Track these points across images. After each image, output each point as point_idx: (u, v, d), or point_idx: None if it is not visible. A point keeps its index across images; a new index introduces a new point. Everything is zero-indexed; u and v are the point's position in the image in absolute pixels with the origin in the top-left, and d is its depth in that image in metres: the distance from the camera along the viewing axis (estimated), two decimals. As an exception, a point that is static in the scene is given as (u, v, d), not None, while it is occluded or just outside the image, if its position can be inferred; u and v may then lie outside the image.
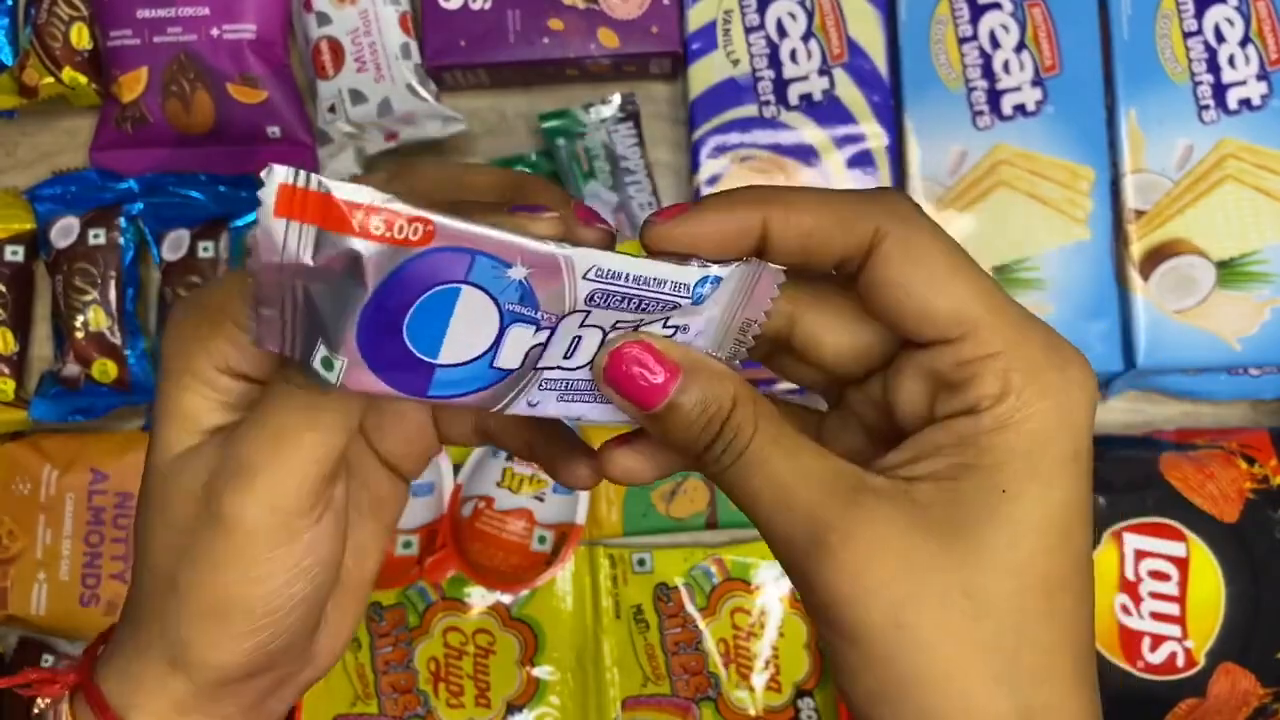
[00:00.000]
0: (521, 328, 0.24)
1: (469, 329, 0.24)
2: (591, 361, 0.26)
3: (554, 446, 0.30)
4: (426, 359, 0.24)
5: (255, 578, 0.27)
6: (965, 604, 0.24)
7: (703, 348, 0.27)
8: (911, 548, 0.24)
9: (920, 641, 0.24)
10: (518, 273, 0.24)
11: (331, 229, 0.22)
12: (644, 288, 0.25)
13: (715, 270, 0.26)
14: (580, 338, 0.26)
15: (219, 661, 0.28)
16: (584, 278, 0.24)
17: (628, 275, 0.25)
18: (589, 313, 0.25)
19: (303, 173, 0.21)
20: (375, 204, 0.22)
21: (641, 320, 0.26)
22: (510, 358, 0.25)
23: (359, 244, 0.22)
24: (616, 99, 0.65)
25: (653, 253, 0.26)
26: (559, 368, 0.26)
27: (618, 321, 0.26)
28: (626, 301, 0.25)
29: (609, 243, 0.26)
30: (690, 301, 0.26)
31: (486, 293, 0.24)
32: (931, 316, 0.25)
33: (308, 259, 0.22)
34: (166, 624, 0.28)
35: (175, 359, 0.28)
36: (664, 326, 0.27)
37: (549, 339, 0.25)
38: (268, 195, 0.21)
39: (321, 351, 0.23)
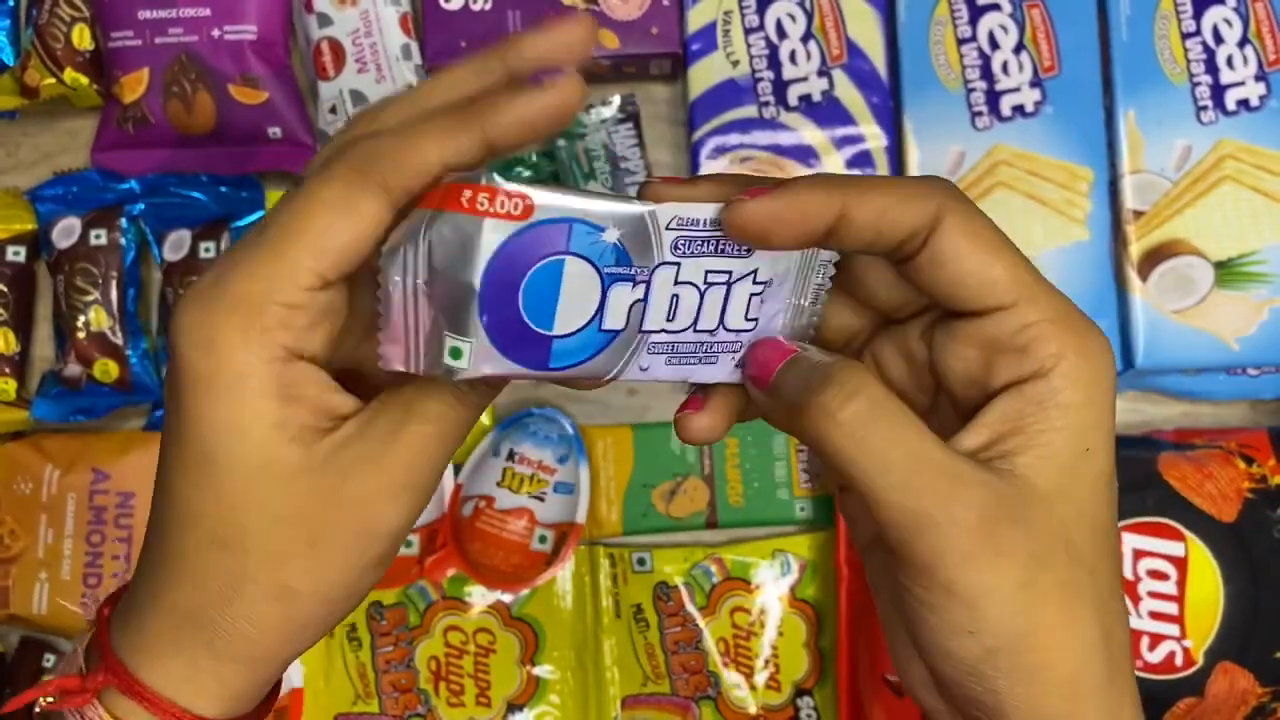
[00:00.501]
0: (621, 286, 0.27)
1: (576, 297, 0.26)
2: (694, 323, 0.28)
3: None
4: (544, 332, 0.26)
5: (381, 567, 0.30)
6: (1063, 557, 0.27)
7: (780, 312, 0.29)
8: (1023, 513, 0.27)
9: (1037, 604, 0.27)
10: (611, 235, 0.26)
11: (449, 208, 0.24)
12: (718, 229, 0.27)
13: None
14: (677, 296, 0.28)
15: (311, 644, 0.30)
16: (667, 228, 0.26)
17: (704, 220, 0.27)
18: (679, 265, 0.27)
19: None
20: (481, 183, 0.24)
21: (725, 269, 0.28)
22: (615, 318, 0.27)
23: (470, 221, 0.24)
24: (616, 100, 0.65)
25: (735, 231, 0.27)
26: (663, 330, 0.28)
27: (708, 272, 0.28)
28: (706, 244, 0.27)
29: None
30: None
31: (586, 260, 0.26)
32: (992, 284, 0.27)
33: (424, 264, 0.25)
34: (255, 633, 0.29)
35: (233, 353, 0.27)
36: (754, 283, 0.28)
37: (646, 294, 0.27)
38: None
39: (449, 341, 0.26)
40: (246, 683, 0.30)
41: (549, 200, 0.25)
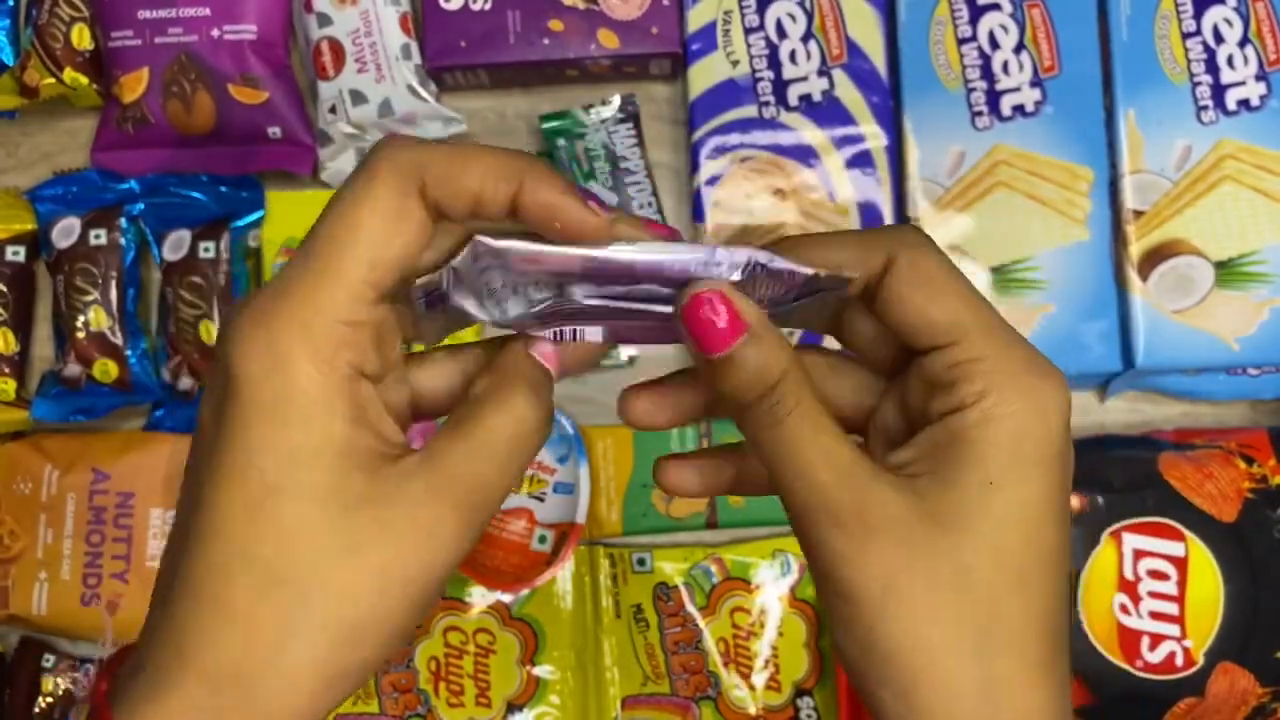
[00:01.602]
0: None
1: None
2: (672, 299, 0.29)
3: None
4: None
5: (433, 599, 0.29)
6: (950, 581, 0.27)
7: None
8: (910, 530, 0.27)
9: (906, 608, 0.27)
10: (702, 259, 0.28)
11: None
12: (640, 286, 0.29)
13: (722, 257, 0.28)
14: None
15: (327, 706, 0.28)
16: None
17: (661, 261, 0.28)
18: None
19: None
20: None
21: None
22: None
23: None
24: (616, 100, 0.65)
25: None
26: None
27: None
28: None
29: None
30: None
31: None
32: (929, 325, 0.29)
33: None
34: (297, 679, 0.27)
35: (308, 379, 0.26)
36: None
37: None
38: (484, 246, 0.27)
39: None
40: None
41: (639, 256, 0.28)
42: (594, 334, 0.31)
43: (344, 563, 0.27)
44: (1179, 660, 0.57)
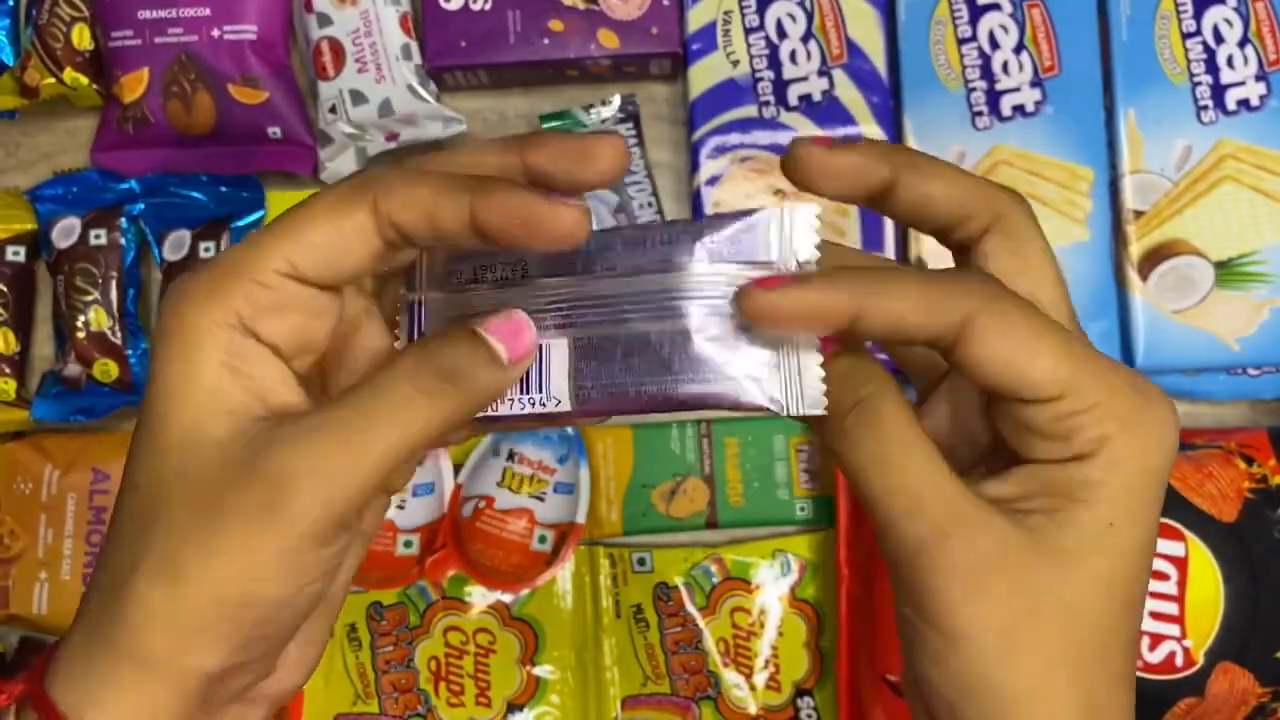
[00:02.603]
0: None
1: None
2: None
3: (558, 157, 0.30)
4: None
5: (285, 575, 0.27)
6: (1067, 623, 0.27)
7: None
8: (1026, 570, 0.27)
9: (1025, 655, 0.27)
10: None
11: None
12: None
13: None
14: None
15: (205, 665, 0.27)
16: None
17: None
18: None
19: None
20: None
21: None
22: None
23: None
24: (616, 100, 0.65)
25: (749, 316, 0.27)
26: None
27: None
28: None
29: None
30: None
31: None
32: (1030, 383, 0.27)
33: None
34: (140, 619, 0.27)
35: (195, 313, 0.28)
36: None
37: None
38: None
39: None
40: (147, 705, 0.27)
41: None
42: (559, 351, 0.29)
43: (186, 503, 0.27)
44: (1179, 660, 0.57)
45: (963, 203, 0.28)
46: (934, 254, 0.59)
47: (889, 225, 0.61)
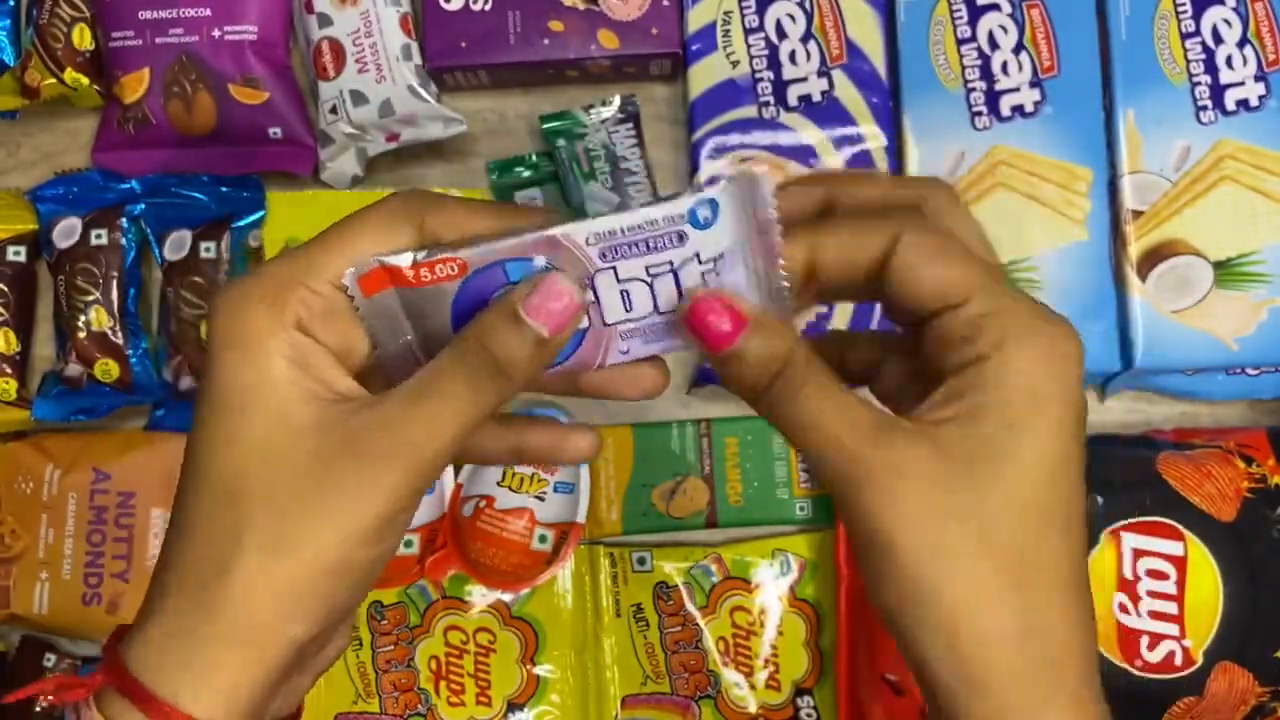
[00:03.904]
0: None
1: None
2: (654, 308, 0.31)
3: (548, 434, 0.36)
4: None
5: (376, 541, 0.30)
6: (983, 523, 0.29)
7: (741, 283, 0.31)
8: (939, 477, 0.29)
9: (944, 554, 0.28)
10: (540, 261, 0.30)
11: (404, 285, 0.30)
12: (641, 232, 0.30)
13: (706, 194, 0.30)
14: (627, 292, 0.31)
15: (301, 632, 0.30)
16: (587, 244, 0.30)
17: (621, 229, 0.30)
18: (614, 268, 0.30)
19: (368, 262, 0.30)
20: (419, 260, 0.30)
21: (664, 260, 0.31)
22: None
23: (424, 292, 0.30)
24: (616, 100, 0.65)
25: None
26: (627, 320, 0.31)
27: (648, 267, 0.30)
28: (635, 247, 0.30)
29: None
30: (692, 226, 0.30)
31: None
32: (943, 288, 0.30)
33: (406, 326, 0.31)
34: (248, 595, 0.29)
35: (257, 317, 0.30)
36: (700, 262, 0.31)
37: (596, 297, 0.31)
38: (355, 290, 0.30)
39: None
40: (247, 673, 0.30)
41: (476, 255, 0.30)
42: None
43: (283, 484, 0.29)
44: (1178, 660, 0.57)
45: (886, 198, 0.32)
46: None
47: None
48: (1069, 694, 0.29)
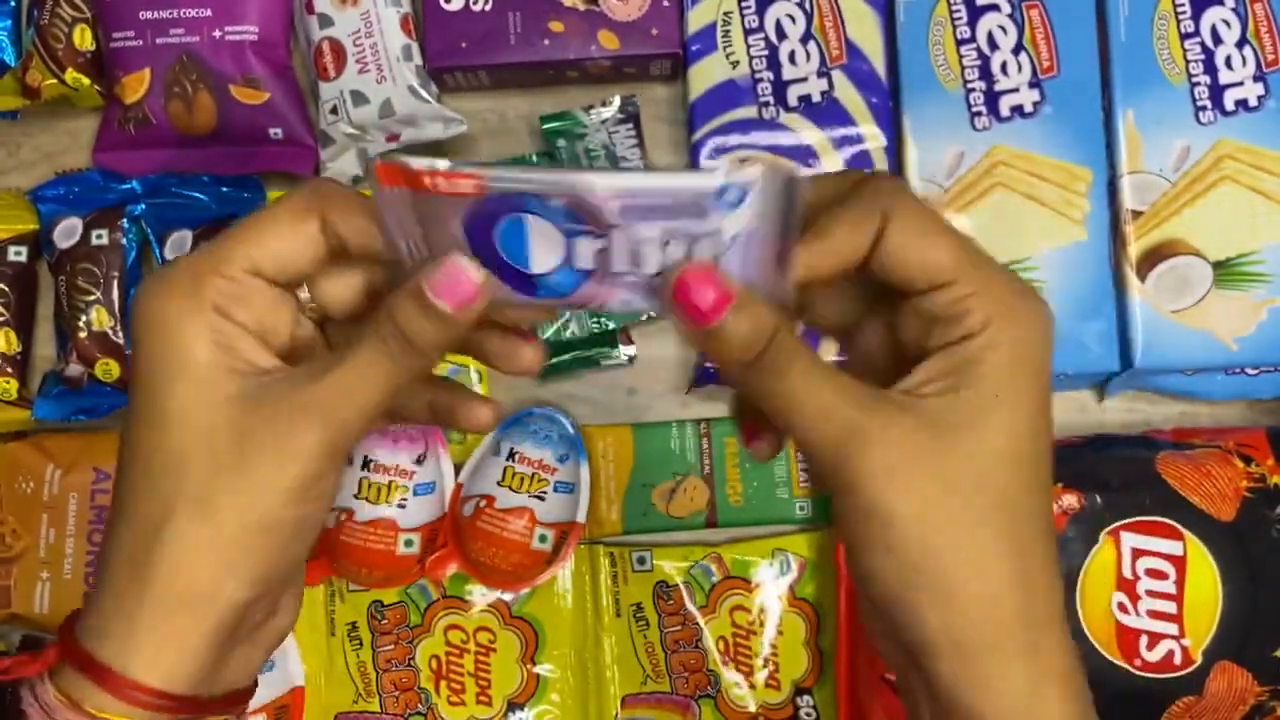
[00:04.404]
0: (582, 239, 0.30)
1: (543, 245, 0.31)
2: (660, 271, 0.31)
3: (453, 398, 0.37)
4: (523, 269, 0.31)
5: (299, 499, 0.32)
6: (972, 485, 0.30)
7: (742, 271, 0.31)
8: (931, 446, 0.30)
9: (940, 515, 0.30)
10: (557, 202, 0.29)
11: (419, 189, 0.29)
12: (665, 197, 0.29)
13: (742, 178, 0.29)
14: (639, 248, 0.31)
15: (239, 594, 0.32)
16: (612, 198, 0.29)
17: (647, 188, 0.29)
18: (632, 225, 0.30)
19: (396, 157, 0.29)
20: (438, 169, 0.29)
21: (681, 228, 0.30)
22: (584, 260, 0.31)
23: (439, 201, 0.30)
24: (616, 100, 0.65)
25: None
26: (633, 274, 0.31)
27: (665, 229, 0.30)
28: (656, 211, 0.30)
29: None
30: (717, 204, 0.29)
31: (543, 218, 0.30)
32: (932, 266, 0.31)
33: (414, 227, 0.31)
34: (181, 556, 0.31)
35: (179, 301, 0.32)
36: (713, 241, 0.31)
37: (609, 245, 0.30)
38: (372, 177, 0.30)
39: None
40: (190, 638, 0.31)
41: (499, 182, 0.29)
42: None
43: (209, 451, 0.31)
44: (1177, 659, 0.57)
45: (852, 237, 0.32)
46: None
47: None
48: (1055, 638, 0.31)
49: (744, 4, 0.62)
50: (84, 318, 0.65)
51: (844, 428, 0.30)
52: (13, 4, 0.67)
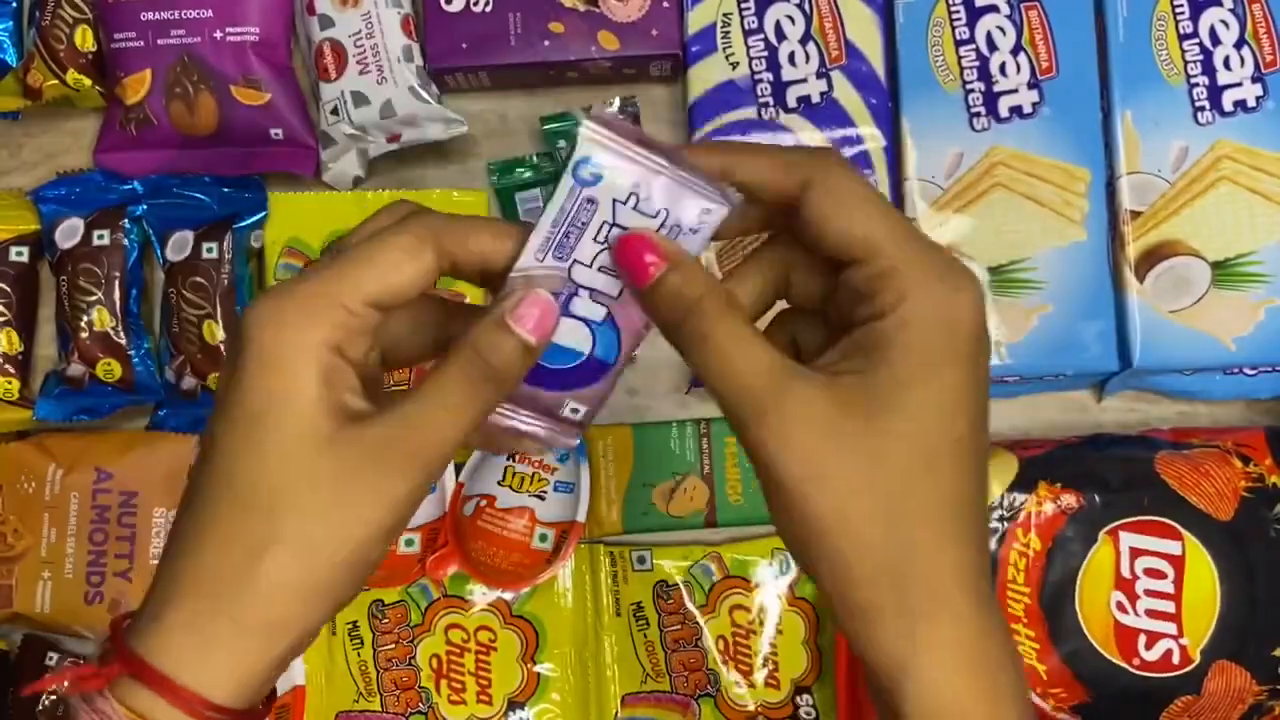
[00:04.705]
0: (573, 300, 0.34)
1: (564, 334, 0.35)
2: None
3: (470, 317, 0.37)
4: (566, 363, 0.35)
5: (386, 539, 0.33)
6: (866, 462, 0.31)
7: (672, 198, 0.34)
8: (830, 419, 0.31)
9: (829, 487, 0.31)
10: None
11: None
12: (564, 221, 0.33)
13: (572, 157, 0.33)
14: (601, 265, 0.34)
15: (329, 614, 0.33)
16: (540, 261, 0.34)
17: (548, 230, 0.33)
18: (574, 258, 0.34)
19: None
20: None
21: (600, 224, 0.34)
22: (593, 310, 0.35)
23: None
24: (617, 101, 0.65)
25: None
26: (620, 285, 0.35)
27: (594, 238, 0.34)
28: (570, 234, 0.34)
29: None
30: (587, 186, 0.33)
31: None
32: (848, 241, 0.32)
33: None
34: (276, 591, 0.31)
35: (295, 333, 0.32)
36: (625, 206, 0.34)
37: (587, 286, 0.34)
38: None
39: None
40: (261, 660, 0.32)
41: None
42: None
43: (309, 491, 0.32)
44: (1176, 658, 0.57)
45: (771, 173, 0.33)
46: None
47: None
48: (951, 608, 0.31)
49: (744, 5, 0.63)
50: (85, 318, 0.65)
51: (750, 393, 0.32)
52: (14, 5, 0.68)
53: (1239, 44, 0.60)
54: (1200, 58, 0.60)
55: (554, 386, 0.35)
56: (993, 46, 0.61)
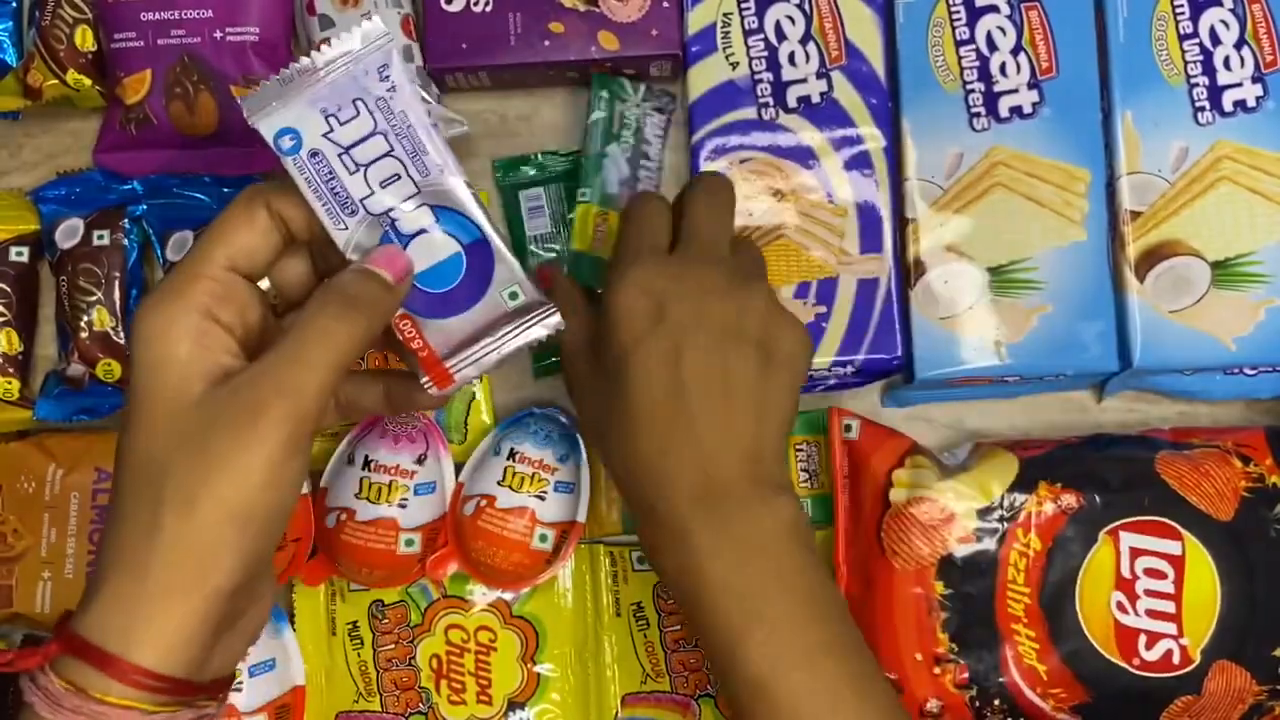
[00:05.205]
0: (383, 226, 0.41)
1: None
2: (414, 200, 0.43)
3: (402, 385, 0.43)
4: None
5: (272, 484, 0.34)
6: (623, 413, 0.47)
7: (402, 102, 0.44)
8: (601, 392, 0.50)
9: (614, 436, 0.50)
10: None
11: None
12: (327, 189, 0.40)
13: (262, 134, 0.40)
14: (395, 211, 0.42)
15: (223, 583, 0.34)
16: (350, 249, 0.41)
17: (325, 201, 0.41)
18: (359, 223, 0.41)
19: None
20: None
21: (369, 188, 0.41)
22: (409, 222, 0.42)
23: None
24: (660, 94, 0.65)
25: None
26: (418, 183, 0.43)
27: (385, 199, 0.41)
28: (338, 198, 0.40)
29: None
30: (293, 155, 0.40)
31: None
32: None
33: None
34: (171, 553, 0.33)
35: (167, 308, 0.37)
36: (356, 153, 0.41)
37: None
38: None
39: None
40: (184, 624, 0.34)
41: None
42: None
43: (185, 450, 0.34)
44: (1176, 658, 0.57)
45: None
46: (929, 252, 0.59)
47: (886, 226, 0.61)
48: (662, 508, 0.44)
49: (744, 5, 0.63)
50: (85, 318, 0.65)
51: (574, 376, 0.48)
52: (14, 5, 0.68)
53: (1239, 44, 0.60)
54: (1200, 58, 0.60)
55: (475, 300, 0.40)
56: (993, 46, 0.61)
